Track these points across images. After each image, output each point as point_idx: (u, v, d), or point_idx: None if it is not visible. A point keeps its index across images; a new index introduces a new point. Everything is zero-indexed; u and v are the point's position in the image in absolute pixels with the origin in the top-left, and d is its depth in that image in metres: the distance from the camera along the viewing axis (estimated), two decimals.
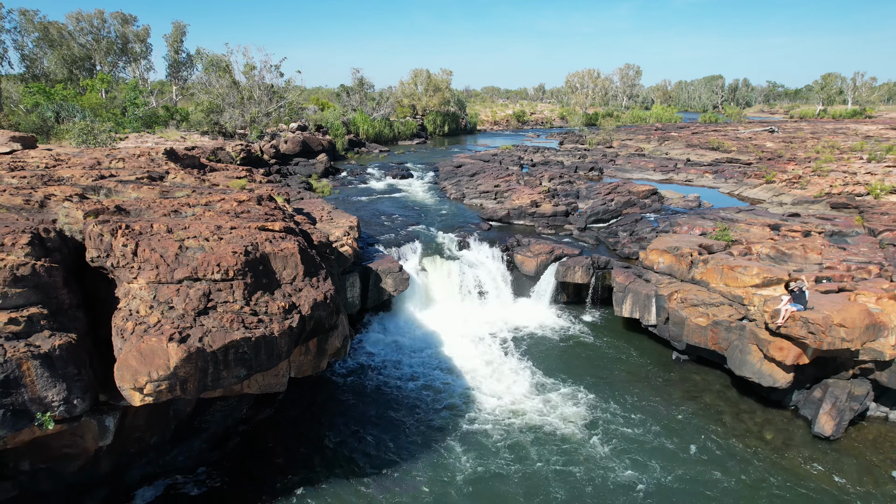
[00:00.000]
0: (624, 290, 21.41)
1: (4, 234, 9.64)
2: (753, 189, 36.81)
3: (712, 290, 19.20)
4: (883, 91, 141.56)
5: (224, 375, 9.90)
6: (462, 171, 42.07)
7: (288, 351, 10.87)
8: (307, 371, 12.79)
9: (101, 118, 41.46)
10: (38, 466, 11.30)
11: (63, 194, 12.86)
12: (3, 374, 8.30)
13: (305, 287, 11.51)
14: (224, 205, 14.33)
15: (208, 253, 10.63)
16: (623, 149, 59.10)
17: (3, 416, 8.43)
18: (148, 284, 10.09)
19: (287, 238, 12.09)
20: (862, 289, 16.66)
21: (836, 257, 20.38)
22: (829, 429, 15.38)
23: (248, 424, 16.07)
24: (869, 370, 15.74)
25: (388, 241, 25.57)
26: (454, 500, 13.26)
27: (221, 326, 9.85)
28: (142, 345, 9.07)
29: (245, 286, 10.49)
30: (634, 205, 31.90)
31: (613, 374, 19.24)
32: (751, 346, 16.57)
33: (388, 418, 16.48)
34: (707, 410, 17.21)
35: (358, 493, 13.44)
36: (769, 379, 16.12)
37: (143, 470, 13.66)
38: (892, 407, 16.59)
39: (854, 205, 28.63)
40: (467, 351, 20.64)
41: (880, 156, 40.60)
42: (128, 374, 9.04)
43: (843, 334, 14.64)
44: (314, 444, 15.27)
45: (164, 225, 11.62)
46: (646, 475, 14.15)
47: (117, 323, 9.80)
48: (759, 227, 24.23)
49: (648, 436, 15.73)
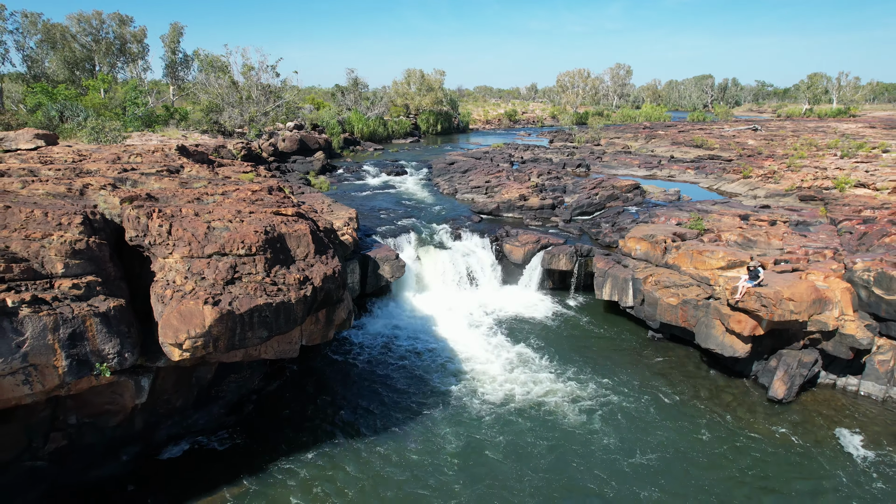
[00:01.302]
0: (604, 275, 23.21)
1: (61, 216, 11.26)
2: (731, 184, 38.77)
3: (683, 272, 21.03)
4: (867, 90, 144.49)
5: (249, 336, 11.57)
6: (454, 168, 43.77)
7: (302, 317, 12.55)
8: (317, 339, 14.48)
9: (105, 117, 42.83)
10: (83, 421, 12.91)
11: (98, 184, 14.46)
12: (71, 329, 9.93)
13: (317, 263, 13.19)
14: (239, 194, 15.98)
15: (233, 232, 12.30)
16: (610, 146, 61.03)
17: (70, 365, 10.05)
18: (182, 259, 11.74)
19: (299, 221, 13.77)
20: (813, 269, 18.53)
21: (797, 243, 22.26)
22: (781, 392, 17.22)
23: (259, 394, 17.72)
24: (817, 340, 17.61)
25: (384, 232, 27.22)
26: (444, 461, 14.96)
27: (246, 294, 11.52)
28: (181, 307, 10.73)
29: (265, 260, 12.16)
30: (617, 198, 33.74)
31: (594, 351, 21.01)
32: (714, 321, 18.40)
33: (385, 391, 18.15)
34: (678, 381, 19.00)
35: (357, 454, 15.05)
36: (730, 350, 17.95)
37: (169, 430, 15.28)
38: (839, 375, 18.47)
39: (820, 197, 30.59)
40: (459, 332, 22.34)
41: (851, 152, 42.70)
42: (170, 332, 10.69)
43: (791, 307, 16.49)
44: (318, 413, 16.92)
45: (191, 209, 13.27)
46: (621, 437, 15.91)
47: (157, 291, 11.44)
48: (730, 218, 26.10)
49: (624, 403, 17.50)
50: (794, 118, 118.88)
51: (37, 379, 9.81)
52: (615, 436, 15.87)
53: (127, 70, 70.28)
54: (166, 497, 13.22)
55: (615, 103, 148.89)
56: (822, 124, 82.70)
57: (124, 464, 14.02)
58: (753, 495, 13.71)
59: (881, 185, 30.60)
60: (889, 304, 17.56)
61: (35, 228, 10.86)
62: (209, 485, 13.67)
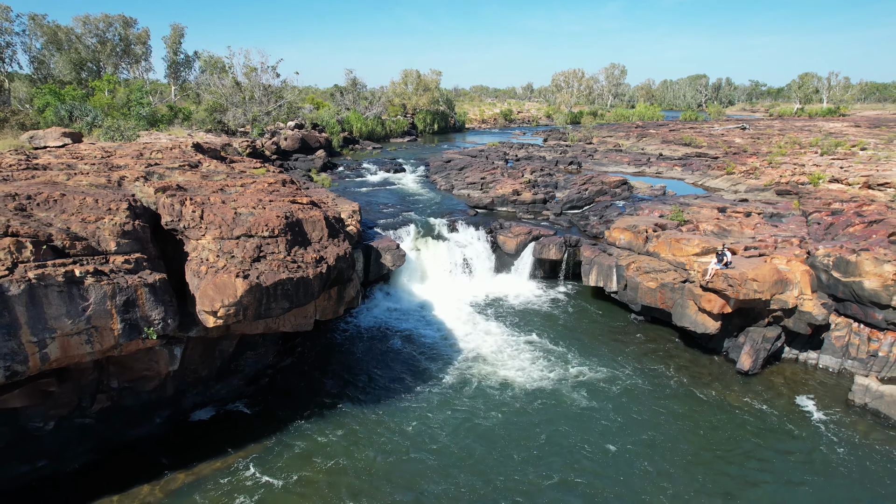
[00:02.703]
0: (590, 263, 25.00)
1: (109, 202, 12.96)
2: (715, 180, 40.63)
3: (662, 259, 22.84)
4: (856, 90, 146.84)
5: (273, 306, 13.29)
6: (451, 165, 45.52)
7: (318, 292, 14.28)
8: (329, 315, 16.21)
9: (112, 117, 44.41)
10: (123, 385, 14.60)
11: (132, 176, 16.14)
12: (125, 297, 11.62)
13: (330, 245, 14.92)
14: (257, 185, 17.69)
15: (257, 217, 14.02)
16: (602, 145, 62.88)
17: (124, 328, 11.75)
18: (214, 240, 13.46)
19: (314, 208, 15.50)
20: (777, 254, 20.35)
21: (768, 233, 24.09)
22: (747, 365, 19.04)
23: (274, 369, 19.43)
24: (779, 318, 19.43)
25: (385, 224, 28.95)
26: (439, 429, 16.71)
27: (271, 270, 13.25)
28: (216, 279, 12.45)
29: (286, 241, 13.89)
30: (606, 193, 35.55)
31: (580, 333, 22.78)
32: (689, 301, 20.20)
33: (386, 368, 19.86)
34: (658, 358, 20.80)
35: (361, 420, 16.74)
36: (702, 327, 19.76)
37: (195, 399, 16.98)
38: (801, 350, 20.31)
39: (796, 192, 32.46)
40: (455, 315, 24.09)
41: (830, 150, 44.64)
42: (206, 301, 12.41)
43: (755, 287, 18.31)
44: (326, 386, 18.65)
45: (218, 198, 14.98)
46: (606, 407, 17.69)
47: (192, 267, 13.16)
48: (709, 210, 27.92)
49: (609, 378, 19.28)
50: (785, 117, 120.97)
51: (97, 339, 11.51)
52: (600, 406, 17.64)
53: (129, 71, 71.75)
54: (197, 453, 14.91)
55: (610, 103, 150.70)
56: (809, 123, 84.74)
57: (158, 425, 15.72)
58: (724, 454, 15.48)
59: (853, 181, 32.48)
60: (846, 285, 19.41)
61: (89, 213, 12.55)
62: (233, 444, 15.38)
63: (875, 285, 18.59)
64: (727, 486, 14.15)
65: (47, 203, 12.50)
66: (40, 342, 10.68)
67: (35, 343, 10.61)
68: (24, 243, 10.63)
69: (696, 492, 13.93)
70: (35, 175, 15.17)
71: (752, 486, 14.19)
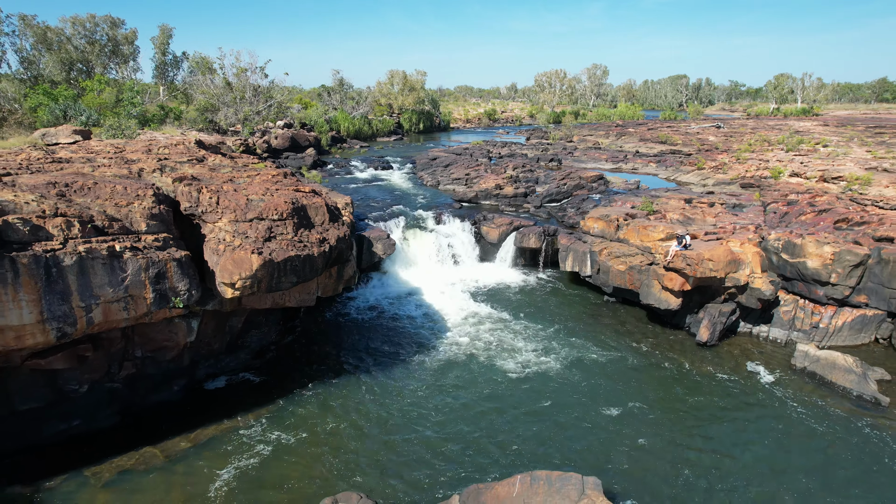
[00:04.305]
0: (567, 249, 27.10)
1: (137, 189, 14.68)
2: (686, 175, 43.07)
3: (630, 245, 24.99)
4: (829, 90, 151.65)
5: (283, 280, 15.11)
6: (437, 162, 47.44)
7: (322, 269, 16.12)
8: (329, 291, 18.05)
9: (105, 116, 45.65)
10: (146, 354, 16.30)
11: (149, 168, 17.83)
12: (157, 270, 13.36)
13: (331, 228, 16.77)
14: (262, 177, 19.46)
15: (267, 202, 15.83)
16: (582, 143, 65.26)
17: (155, 297, 13.48)
18: (230, 222, 15.24)
19: (316, 196, 17.34)
20: (733, 238, 22.60)
21: (728, 220, 26.38)
22: (705, 336, 21.24)
23: (276, 346, 21.20)
24: (734, 294, 21.67)
25: (375, 217, 30.80)
26: (426, 395, 18.64)
27: (281, 248, 15.06)
28: (234, 256, 14.25)
29: (293, 224, 15.71)
30: (583, 187, 37.74)
31: (557, 313, 24.84)
32: (653, 281, 22.36)
33: (379, 345, 21.70)
34: (627, 333, 22.92)
35: (357, 388, 18.59)
36: (665, 303, 21.93)
37: (207, 370, 18.71)
38: (754, 324, 22.59)
39: (758, 185, 34.93)
40: (442, 300, 26.02)
41: (794, 147, 47.39)
42: (226, 274, 14.20)
43: (711, 266, 20.51)
44: (325, 359, 20.45)
45: (230, 187, 16.75)
46: (580, 377, 19.73)
47: (211, 246, 14.93)
48: (677, 201, 30.19)
49: (583, 350, 21.35)
50: (762, 117, 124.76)
51: (132, 307, 13.24)
52: (575, 375, 19.69)
53: (118, 71, 72.59)
54: (212, 415, 16.63)
55: (592, 103, 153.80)
56: (781, 123, 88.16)
57: (175, 392, 17.43)
58: (686, 413, 17.54)
59: (810, 175, 35.02)
60: (792, 265, 21.69)
61: (120, 198, 14.26)
62: (244, 408, 17.13)
63: (817, 265, 20.90)
64: (688, 436, 16.25)
65: (83, 190, 14.19)
66: (87, 307, 12.41)
67: (83, 308, 12.34)
68: (72, 222, 12.35)
69: (663, 442, 15.98)
70: (63, 167, 16.80)
71: (710, 438, 16.30)
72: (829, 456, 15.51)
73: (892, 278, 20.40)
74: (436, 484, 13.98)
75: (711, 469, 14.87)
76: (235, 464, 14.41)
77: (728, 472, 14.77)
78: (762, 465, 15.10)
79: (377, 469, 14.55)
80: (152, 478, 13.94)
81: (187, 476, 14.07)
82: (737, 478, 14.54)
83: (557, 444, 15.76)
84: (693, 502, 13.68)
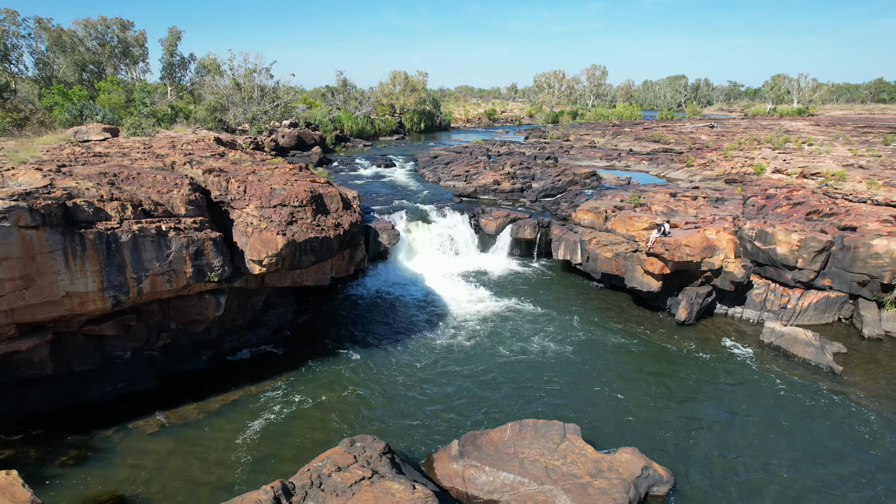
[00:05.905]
0: (559, 240, 29.13)
1: (175, 179, 16.72)
2: (676, 171, 45.10)
3: (617, 234, 27.02)
4: (824, 91, 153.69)
5: (303, 259, 17.14)
6: (438, 160, 49.49)
7: (337, 250, 18.15)
8: (342, 272, 20.08)
9: (119, 115, 47.72)
10: (179, 327, 18.33)
11: (180, 161, 19.87)
12: (196, 247, 15.39)
13: (345, 214, 18.81)
14: (280, 170, 21.50)
15: (288, 191, 17.86)
16: (578, 142, 67.29)
17: (194, 272, 15.52)
18: (256, 208, 17.27)
19: (330, 186, 19.37)
20: (709, 226, 24.63)
21: (708, 212, 28.39)
22: (683, 315, 23.27)
23: (292, 324, 23.24)
24: (710, 277, 23.70)
25: (380, 210, 32.81)
26: (429, 365, 20.68)
27: (301, 230, 17.10)
28: (262, 236, 16.28)
29: (312, 210, 17.74)
30: (577, 183, 39.76)
31: (550, 298, 26.87)
32: (636, 266, 24.38)
33: (386, 323, 23.76)
34: (614, 315, 24.95)
35: (366, 360, 20.64)
36: (647, 286, 23.96)
37: (231, 343, 20.74)
38: (730, 306, 24.62)
39: (741, 180, 36.94)
40: (443, 286, 28.04)
41: (781, 145, 49.41)
42: (255, 252, 16.23)
43: (688, 251, 22.54)
44: (337, 336, 22.49)
45: (254, 178, 18.79)
46: (571, 354, 21.77)
47: (240, 229, 16.96)
48: (662, 195, 32.20)
49: (572, 330, 23.37)
50: (758, 117, 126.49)
51: (174, 280, 15.27)
52: (565, 350, 21.72)
53: (128, 72, 74.70)
54: (238, 381, 18.65)
55: (591, 103, 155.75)
56: (774, 122, 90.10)
57: (203, 362, 19.45)
58: (666, 384, 19.55)
59: (791, 171, 37.02)
60: (764, 252, 23.70)
61: (162, 186, 16.30)
62: (266, 376, 19.15)
63: (785, 251, 22.92)
64: (663, 398, 18.28)
65: (129, 179, 16.23)
66: (138, 278, 14.44)
67: (135, 279, 14.38)
68: (126, 205, 14.40)
69: (640, 401, 18.02)
70: (105, 160, 18.85)
71: (684, 399, 18.33)
72: (784, 409, 17.62)
73: (854, 263, 22.42)
74: (438, 432, 16.03)
75: (683, 419, 16.97)
76: (263, 417, 16.46)
77: (697, 422, 16.87)
78: (727, 415, 17.20)
79: (387, 422, 16.59)
80: (191, 430, 15.98)
81: (221, 430, 16.09)
82: (705, 429, 16.62)
83: (545, 402, 17.82)
84: (664, 443, 15.70)
